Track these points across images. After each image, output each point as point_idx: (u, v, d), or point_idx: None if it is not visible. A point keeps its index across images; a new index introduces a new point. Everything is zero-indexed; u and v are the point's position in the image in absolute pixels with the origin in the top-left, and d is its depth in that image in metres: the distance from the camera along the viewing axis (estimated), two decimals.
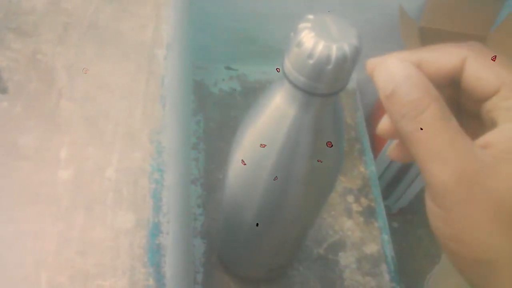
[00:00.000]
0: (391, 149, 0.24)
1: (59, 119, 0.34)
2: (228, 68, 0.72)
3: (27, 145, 0.32)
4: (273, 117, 0.31)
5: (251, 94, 0.69)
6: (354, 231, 0.59)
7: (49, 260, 0.28)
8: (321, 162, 0.33)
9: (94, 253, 0.29)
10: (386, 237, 0.60)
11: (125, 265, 0.29)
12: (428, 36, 0.64)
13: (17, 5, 0.39)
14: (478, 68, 0.21)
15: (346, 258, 0.57)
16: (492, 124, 0.21)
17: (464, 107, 0.23)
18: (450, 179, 0.19)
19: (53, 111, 0.34)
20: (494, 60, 0.20)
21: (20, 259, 0.28)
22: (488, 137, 0.20)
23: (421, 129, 0.19)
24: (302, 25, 0.26)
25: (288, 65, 0.27)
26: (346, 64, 0.26)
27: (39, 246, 0.29)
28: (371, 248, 0.58)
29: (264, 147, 0.32)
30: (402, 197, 0.82)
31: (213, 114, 0.66)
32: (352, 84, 0.74)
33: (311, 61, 0.26)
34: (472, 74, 0.21)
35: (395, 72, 0.20)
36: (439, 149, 0.19)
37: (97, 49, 0.38)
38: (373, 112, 0.80)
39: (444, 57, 0.21)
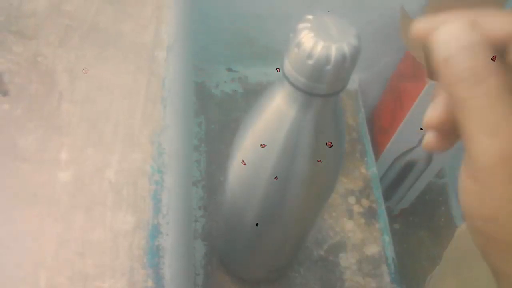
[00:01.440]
0: (428, 139, 0.23)
1: (60, 121, 0.34)
2: (230, 70, 0.72)
3: (27, 146, 0.32)
4: (273, 118, 0.31)
5: (252, 96, 0.69)
6: (355, 232, 0.59)
7: (48, 261, 0.28)
8: (321, 162, 0.33)
9: (93, 254, 0.29)
10: (387, 238, 0.60)
11: (124, 266, 0.29)
12: None
13: (18, 8, 0.39)
14: None
15: (347, 260, 0.57)
16: None
17: None
18: (499, 155, 0.18)
19: (54, 113, 0.34)
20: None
21: (19, 259, 0.28)
22: None
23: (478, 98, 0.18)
24: (301, 25, 0.26)
25: (287, 65, 0.27)
26: (346, 64, 0.26)
27: (38, 247, 0.29)
28: (372, 250, 0.58)
29: (264, 147, 0.32)
30: (404, 199, 0.82)
31: (214, 116, 0.66)
32: (354, 85, 0.74)
33: (310, 62, 0.26)
34: None
35: (459, 36, 0.19)
36: (495, 121, 0.18)
37: (98, 51, 0.38)
38: (375, 113, 0.80)
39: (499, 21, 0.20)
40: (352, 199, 0.62)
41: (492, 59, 0.19)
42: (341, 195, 0.62)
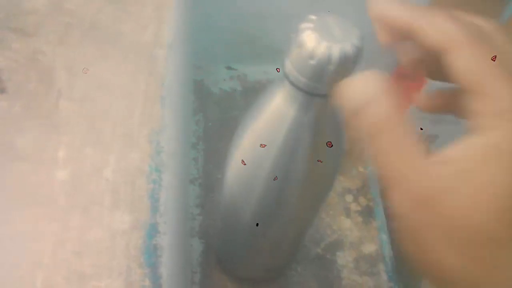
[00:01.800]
0: (421, 100, 0.24)
1: (58, 119, 0.34)
2: (229, 68, 0.72)
3: (25, 145, 0.32)
4: (273, 117, 0.31)
5: (251, 94, 0.69)
6: (353, 230, 0.59)
7: (45, 260, 0.28)
8: (321, 162, 0.33)
9: (90, 253, 0.29)
10: (385, 236, 0.60)
11: (121, 266, 0.29)
12: None
13: (18, 5, 0.39)
14: (467, 57, 0.20)
15: (344, 258, 0.57)
16: (469, 126, 0.20)
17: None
18: (410, 204, 0.19)
19: (52, 112, 0.34)
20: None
21: (16, 259, 0.28)
22: (449, 152, 0.20)
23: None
24: (303, 25, 0.26)
25: (289, 65, 0.27)
26: (348, 65, 0.26)
27: (35, 247, 0.29)
28: (369, 248, 0.58)
29: (264, 147, 0.32)
30: None
31: (213, 114, 0.66)
32: None
33: (312, 62, 0.26)
34: (460, 61, 0.20)
35: (363, 91, 0.21)
36: (396, 175, 0.20)
37: (98, 49, 0.38)
38: None
39: (435, 33, 0.21)
40: (349, 198, 0.62)
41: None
42: (339, 194, 0.62)
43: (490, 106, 0.19)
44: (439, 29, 0.21)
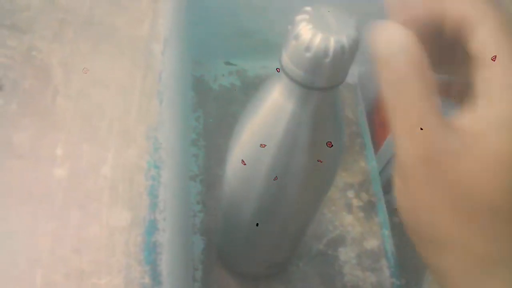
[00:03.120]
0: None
1: (55, 116, 0.33)
2: (228, 63, 0.71)
3: (22, 142, 0.32)
4: (271, 112, 0.31)
5: (251, 89, 0.69)
6: (354, 226, 0.59)
7: (44, 258, 0.28)
8: (321, 156, 0.33)
9: (89, 251, 0.28)
10: (387, 232, 0.60)
11: (121, 263, 0.28)
12: None
13: (12, 1, 0.39)
14: (488, 31, 0.20)
15: (346, 254, 0.57)
16: (476, 100, 0.20)
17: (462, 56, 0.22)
18: (416, 157, 0.20)
19: (49, 108, 0.34)
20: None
21: (15, 257, 0.28)
22: (462, 119, 0.20)
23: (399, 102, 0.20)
24: (299, 17, 0.26)
25: (285, 58, 0.27)
26: (345, 57, 0.25)
27: (33, 244, 0.28)
28: (372, 244, 0.58)
29: (264, 147, 0.31)
30: None
31: (213, 110, 0.66)
32: (353, 78, 0.74)
33: (308, 54, 0.25)
34: (481, 35, 0.20)
35: (391, 42, 0.21)
36: (410, 125, 0.20)
37: (93, 45, 0.38)
38: (374, 107, 0.80)
39: (458, 13, 0.21)
40: (351, 193, 0.62)
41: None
42: (340, 189, 0.62)
43: (505, 79, 0.19)
44: (465, 2, 0.21)
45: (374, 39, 0.21)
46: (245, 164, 0.33)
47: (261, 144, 0.31)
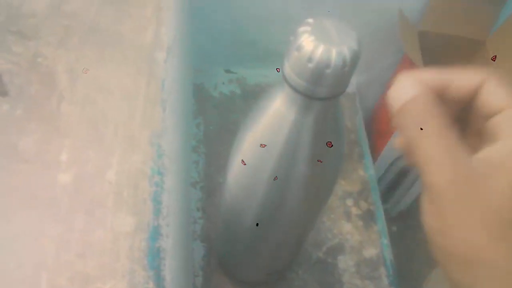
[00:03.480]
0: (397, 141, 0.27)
1: (60, 122, 0.34)
2: (228, 71, 0.72)
3: (27, 148, 0.32)
4: (272, 120, 0.31)
5: (251, 97, 0.69)
6: (353, 234, 0.59)
7: (49, 262, 0.28)
8: (321, 165, 0.33)
9: (94, 255, 0.29)
10: (385, 240, 0.60)
11: (125, 268, 0.29)
12: (428, 39, 0.64)
13: (18, 8, 0.39)
14: (494, 86, 0.24)
15: (345, 262, 0.57)
16: (494, 139, 0.23)
17: (471, 124, 0.26)
18: (445, 180, 0.22)
19: (54, 114, 0.34)
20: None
21: (20, 261, 0.28)
22: (486, 151, 0.23)
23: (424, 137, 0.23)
24: (301, 28, 0.26)
25: (287, 68, 0.27)
26: (346, 68, 0.26)
27: (39, 249, 0.29)
28: (370, 252, 0.58)
29: (264, 147, 0.32)
30: (402, 201, 0.82)
31: (213, 118, 0.66)
32: (351, 87, 0.74)
33: (310, 65, 0.26)
34: (488, 91, 0.24)
35: (406, 91, 0.24)
36: (438, 154, 0.22)
37: (98, 52, 0.38)
38: (373, 116, 0.80)
39: (466, 76, 0.25)
40: (350, 201, 0.62)
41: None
42: (339, 197, 0.62)
43: None
44: (472, 73, 0.25)
45: (394, 91, 0.24)
46: (245, 164, 0.34)
47: (261, 144, 0.32)
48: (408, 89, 0.24)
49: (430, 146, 0.22)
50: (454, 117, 0.25)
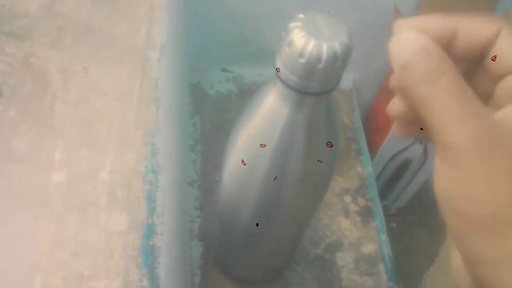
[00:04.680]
0: (397, 128, 0.25)
1: (53, 121, 0.34)
2: (224, 70, 0.72)
3: (20, 148, 0.32)
4: (266, 117, 0.31)
5: (247, 96, 0.69)
6: (352, 231, 0.59)
7: (43, 262, 0.28)
8: (316, 161, 0.33)
9: (87, 255, 0.29)
10: (384, 237, 0.60)
11: (119, 266, 0.29)
12: None
13: (10, 9, 0.39)
14: (510, 39, 0.21)
15: (344, 258, 0.57)
16: (505, 102, 0.21)
17: (477, 87, 0.23)
18: (468, 139, 0.19)
19: (47, 114, 0.34)
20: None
21: (14, 261, 0.28)
22: (503, 111, 0.20)
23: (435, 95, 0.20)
24: (292, 24, 0.26)
25: (279, 64, 0.27)
26: (337, 63, 0.26)
27: (32, 249, 0.29)
28: (369, 248, 0.58)
29: (264, 147, 0.32)
30: (400, 197, 0.82)
31: (210, 116, 0.66)
32: (348, 84, 0.74)
33: (302, 60, 0.26)
34: (503, 44, 0.21)
35: (411, 43, 0.21)
36: (457, 111, 0.19)
37: (91, 52, 0.38)
38: (370, 112, 0.80)
39: (480, 26, 0.22)
40: (348, 198, 0.62)
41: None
42: (337, 194, 0.62)
43: None
44: (483, 22, 0.22)
45: (391, 47, 0.21)
46: (245, 164, 0.34)
47: (261, 144, 0.32)
48: (412, 41, 0.21)
49: (447, 102, 0.20)
50: None
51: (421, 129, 0.23)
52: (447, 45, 0.22)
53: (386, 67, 0.74)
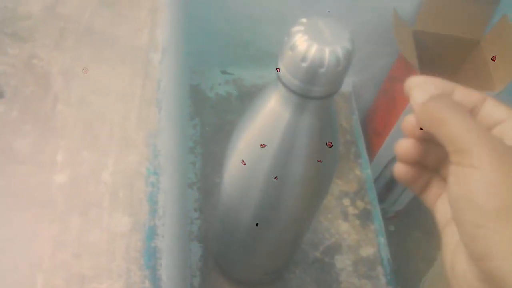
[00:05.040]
0: (406, 121, 0.27)
1: (55, 123, 0.34)
2: (224, 72, 0.72)
3: (23, 149, 0.32)
4: (267, 120, 0.31)
5: (247, 98, 0.69)
6: (350, 234, 0.59)
7: (45, 263, 0.28)
8: (316, 164, 0.33)
9: (90, 256, 0.29)
10: (382, 239, 0.60)
11: (121, 268, 0.29)
12: (423, 39, 0.64)
13: (13, 10, 0.39)
14: (493, 104, 0.25)
15: (342, 261, 0.57)
16: None
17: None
18: (484, 143, 0.22)
19: (49, 115, 0.34)
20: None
21: (16, 262, 0.28)
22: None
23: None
24: (295, 28, 0.26)
25: (282, 68, 0.28)
26: (339, 67, 0.26)
27: (34, 249, 0.29)
28: (367, 251, 0.59)
29: (264, 147, 0.32)
30: (398, 200, 0.83)
31: (209, 118, 0.67)
32: (347, 87, 0.74)
33: (304, 64, 0.26)
34: (489, 107, 0.25)
35: (428, 89, 0.25)
36: (472, 124, 0.22)
37: (93, 53, 0.38)
38: (369, 116, 0.81)
39: (466, 93, 0.26)
40: (347, 201, 0.62)
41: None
42: (336, 197, 0.62)
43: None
44: (471, 92, 0.26)
45: (414, 90, 0.25)
46: (245, 164, 0.34)
47: (261, 144, 0.32)
48: (430, 88, 0.25)
49: (467, 130, 0.22)
50: None
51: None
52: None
53: (385, 70, 0.74)
